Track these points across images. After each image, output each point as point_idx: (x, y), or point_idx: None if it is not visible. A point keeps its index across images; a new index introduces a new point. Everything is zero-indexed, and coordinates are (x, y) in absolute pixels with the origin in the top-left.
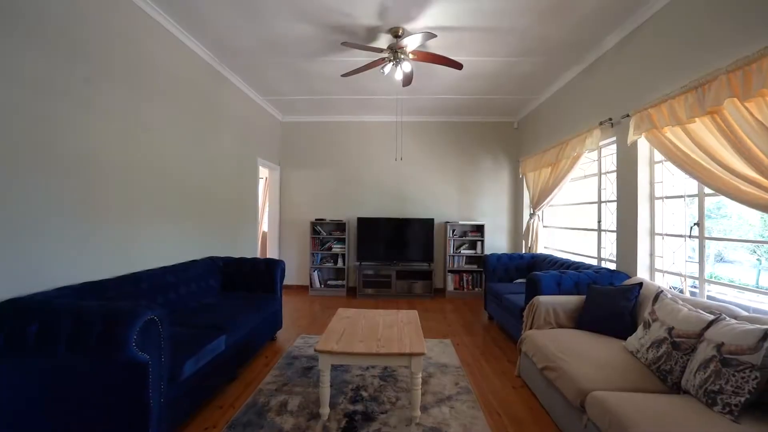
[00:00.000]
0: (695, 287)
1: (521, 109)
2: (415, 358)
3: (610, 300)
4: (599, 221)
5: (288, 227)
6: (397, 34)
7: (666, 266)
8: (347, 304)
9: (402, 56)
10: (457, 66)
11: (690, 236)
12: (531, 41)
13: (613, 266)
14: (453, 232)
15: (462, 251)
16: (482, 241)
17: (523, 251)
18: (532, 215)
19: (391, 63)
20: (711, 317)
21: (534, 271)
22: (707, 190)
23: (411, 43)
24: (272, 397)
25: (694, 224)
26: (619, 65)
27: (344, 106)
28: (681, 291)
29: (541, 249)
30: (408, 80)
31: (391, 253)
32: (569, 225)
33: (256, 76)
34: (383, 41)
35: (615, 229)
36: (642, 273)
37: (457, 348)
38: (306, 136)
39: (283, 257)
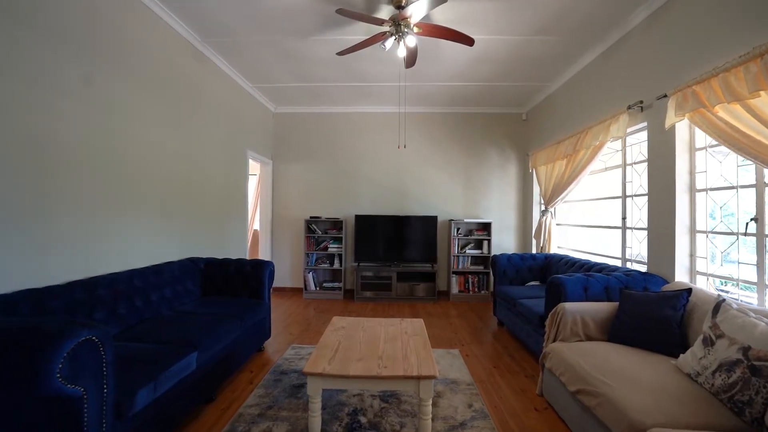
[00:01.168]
0: (718, 290)
1: (531, 99)
2: (425, 382)
3: (650, 308)
4: (624, 218)
5: (281, 226)
6: (399, 4)
7: (700, 268)
8: (344, 307)
9: (405, 29)
10: (469, 41)
11: (746, 234)
12: (548, 16)
13: (640, 268)
14: (457, 230)
15: (467, 251)
16: (489, 241)
17: (534, 251)
18: (544, 212)
19: (393, 37)
20: None
21: (551, 273)
22: None
23: (416, 12)
24: (254, 424)
25: (752, 219)
26: (651, 41)
27: (341, 96)
28: None
29: (554, 249)
30: (412, 59)
31: (391, 254)
32: (587, 222)
33: (243, 59)
34: (384, 13)
35: (644, 226)
36: (681, 276)
37: (466, 360)
38: (300, 129)
39: (276, 258)
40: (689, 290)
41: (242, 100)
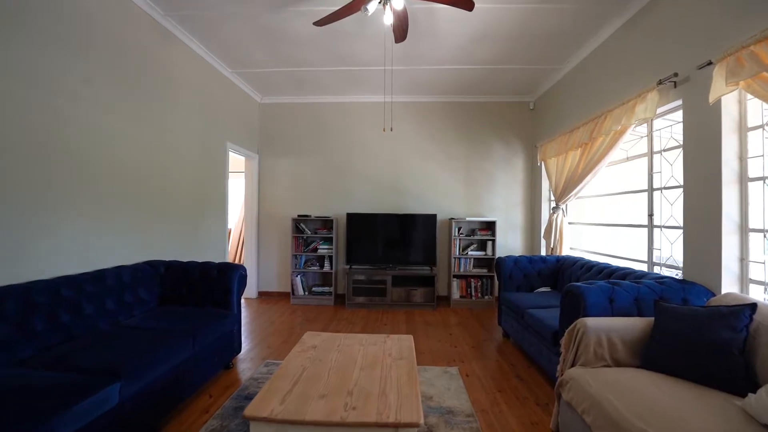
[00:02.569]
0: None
1: (539, 85)
2: None
3: (699, 328)
4: (650, 215)
5: (268, 225)
6: None
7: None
8: (333, 315)
9: None
10: (468, 5)
11: None
12: None
13: (671, 274)
14: (459, 230)
15: (469, 252)
16: (493, 241)
17: (544, 252)
18: (554, 209)
19: (377, 0)
20: None
21: (564, 279)
22: None
23: None
24: None
25: None
26: (689, 1)
27: (330, 83)
28: None
29: (566, 250)
30: (401, 30)
31: (386, 255)
32: (604, 220)
33: (216, 37)
34: None
35: (678, 224)
36: (729, 285)
37: (466, 381)
38: (288, 120)
39: (263, 260)
40: (753, 305)
41: (221, 87)
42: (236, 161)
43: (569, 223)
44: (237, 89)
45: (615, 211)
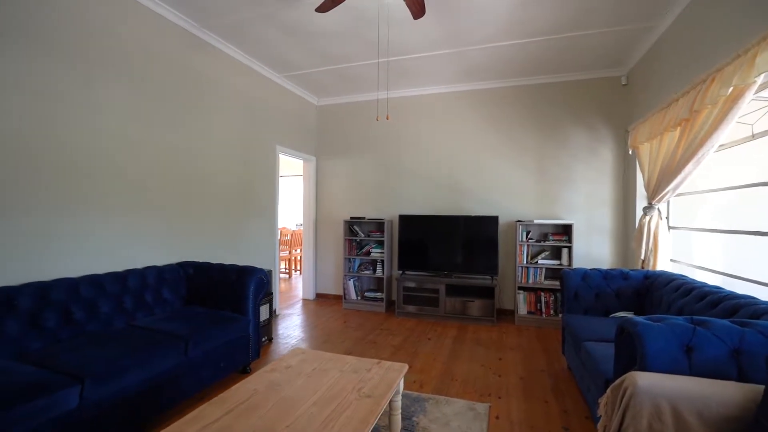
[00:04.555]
0: None
1: (632, 52)
2: None
3: None
4: None
5: (326, 227)
6: None
7: None
8: (380, 323)
9: None
10: None
11: None
12: None
13: None
14: (527, 234)
15: (539, 261)
16: (569, 248)
17: (636, 265)
18: (647, 209)
19: None
20: None
21: (651, 302)
22: None
23: None
24: None
25: None
26: None
27: (375, 78)
28: None
29: (663, 264)
30: (415, 1)
31: (440, 261)
32: (719, 225)
33: (249, 41)
34: None
35: None
36: None
37: (493, 426)
38: (342, 121)
39: (320, 262)
40: None
41: (270, 92)
42: (298, 164)
43: (670, 228)
44: (289, 93)
45: (750, 212)
